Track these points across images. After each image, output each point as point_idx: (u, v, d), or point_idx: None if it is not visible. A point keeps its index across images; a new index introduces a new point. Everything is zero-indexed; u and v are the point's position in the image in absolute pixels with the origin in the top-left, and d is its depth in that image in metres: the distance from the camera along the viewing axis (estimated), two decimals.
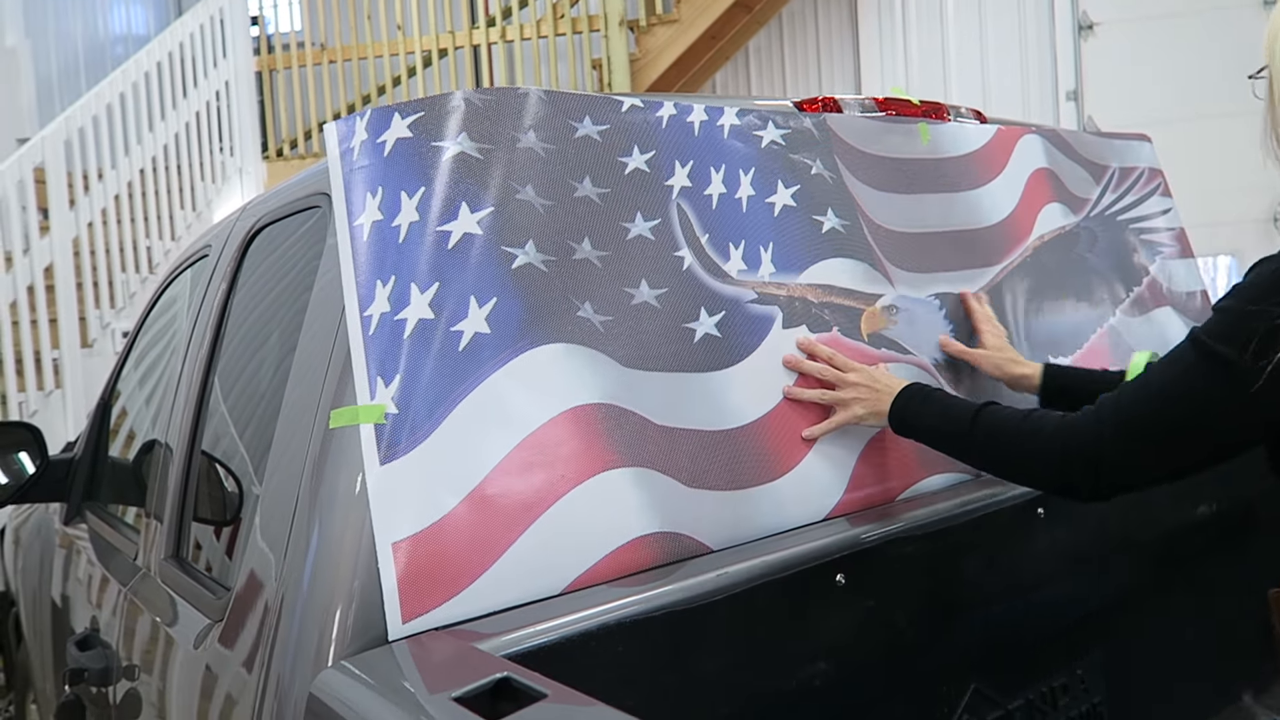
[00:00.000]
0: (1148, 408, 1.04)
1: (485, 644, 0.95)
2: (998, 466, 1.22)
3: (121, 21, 7.80)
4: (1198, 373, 1.01)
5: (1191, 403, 1.02)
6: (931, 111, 1.65)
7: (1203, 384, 1.00)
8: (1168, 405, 1.03)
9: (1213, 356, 1.00)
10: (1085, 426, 1.08)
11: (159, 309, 2.17)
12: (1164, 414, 1.03)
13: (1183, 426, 1.03)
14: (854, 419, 1.31)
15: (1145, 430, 1.05)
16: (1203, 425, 1.02)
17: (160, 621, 1.47)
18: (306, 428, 1.14)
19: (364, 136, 1.15)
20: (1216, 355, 0.99)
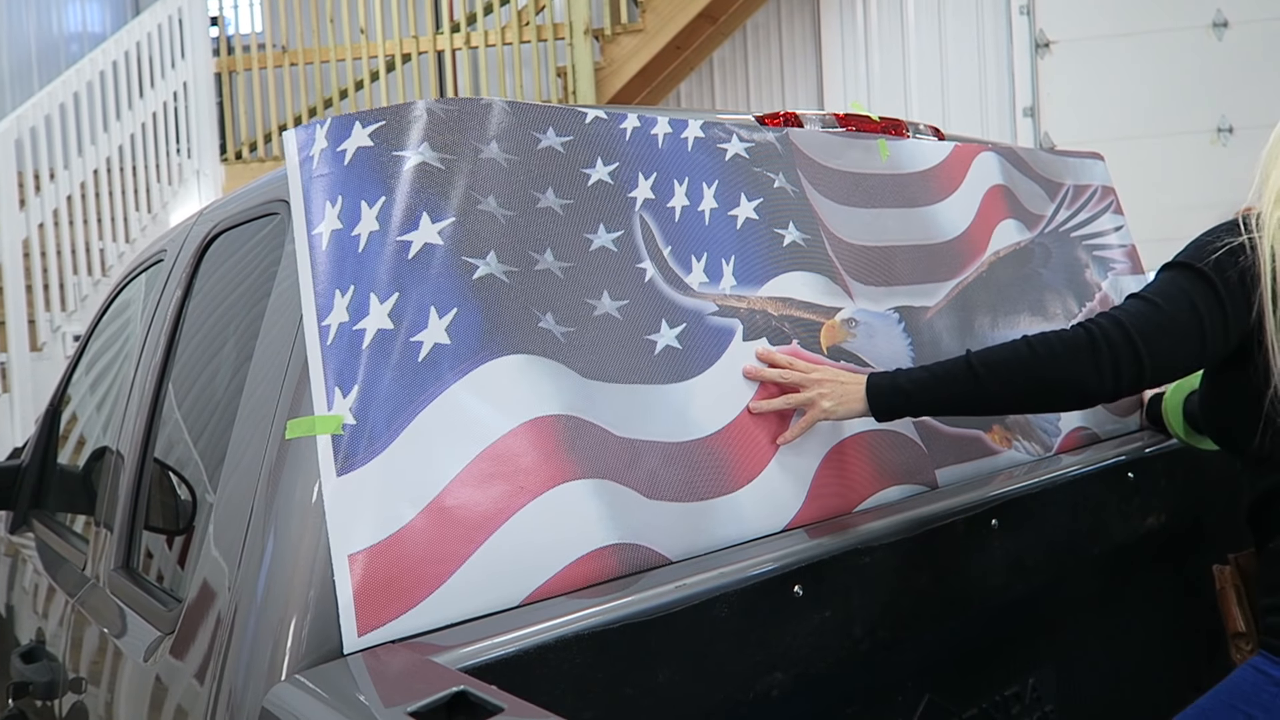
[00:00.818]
0: (1161, 310, 1.21)
1: (442, 657, 0.95)
2: (1026, 393, 1.25)
3: (77, 19, 7.66)
4: (1183, 279, 1.23)
5: (1184, 299, 1.21)
6: (891, 128, 1.67)
7: (1189, 287, 1.22)
8: (1167, 303, 1.21)
9: (1188, 268, 1.23)
10: (1103, 324, 1.21)
11: (112, 313, 2.13)
12: (1165, 310, 1.21)
13: (1181, 320, 1.21)
14: (824, 414, 1.31)
15: (1158, 322, 1.21)
16: (1201, 325, 1.21)
17: (109, 633, 1.44)
18: (262, 436, 1.13)
19: (324, 144, 1.15)
20: (1191, 267, 1.23)
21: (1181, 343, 1.21)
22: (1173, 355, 1.22)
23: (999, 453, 1.63)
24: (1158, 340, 1.20)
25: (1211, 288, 1.21)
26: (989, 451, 1.62)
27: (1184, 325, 1.21)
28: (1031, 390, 1.24)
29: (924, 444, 1.51)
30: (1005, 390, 1.24)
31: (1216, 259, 1.21)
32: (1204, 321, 1.21)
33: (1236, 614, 1.33)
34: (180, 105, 5.76)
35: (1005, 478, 1.57)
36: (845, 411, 1.31)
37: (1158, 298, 1.23)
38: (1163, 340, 1.20)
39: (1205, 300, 1.21)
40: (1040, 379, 1.22)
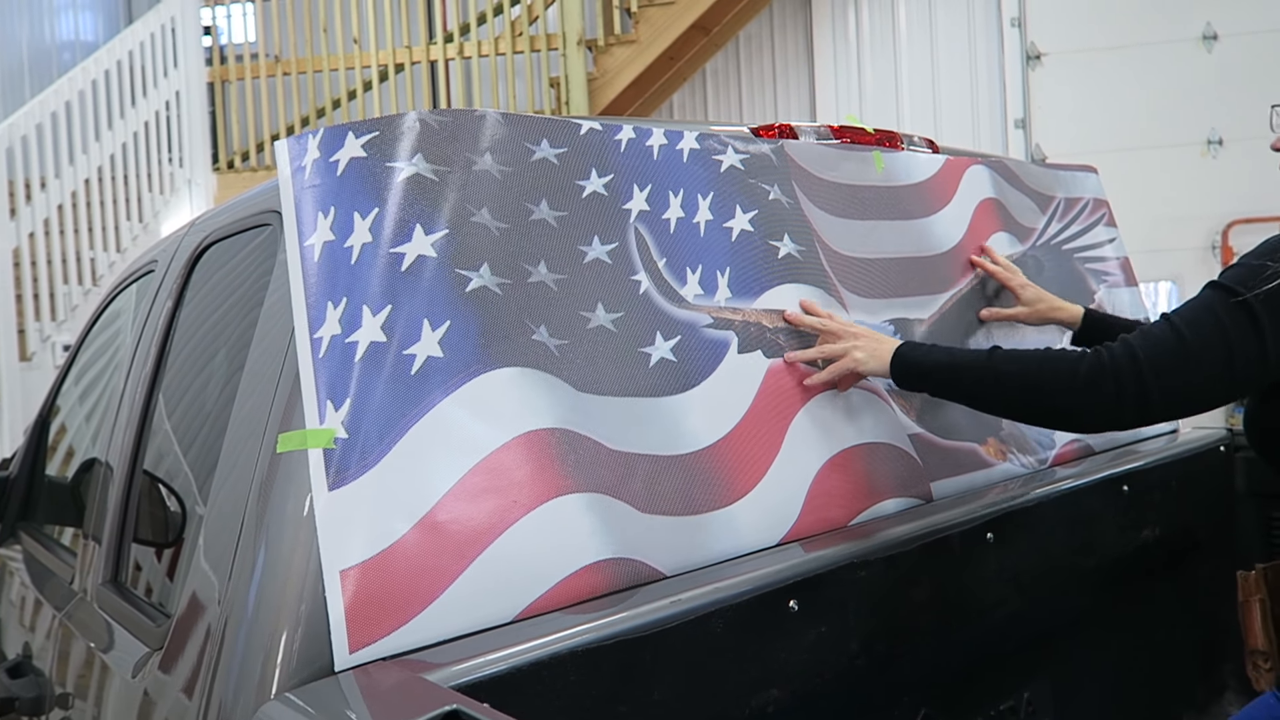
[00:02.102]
0: (1177, 333, 1.14)
1: (434, 674, 0.93)
2: (1024, 393, 1.22)
3: (69, 28, 7.65)
4: (1220, 307, 1.12)
5: (1214, 326, 1.12)
6: (885, 140, 1.67)
7: (1225, 317, 1.11)
8: (1193, 330, 1.13)
9: (1232, 294, 1.12)
10: (1116, 354, 1.15)
11: (102, 323, 2.12)
12: (1191, 340, 1.13)
13: (1205, 351, 1.12)
14: (856, 364, 1.34)
15: (1176, 356, 1.13)
16: (1219, 353, 1.12)
17: (96, 648, 1.42)
18: (253, 449, 1.12)
19: (316, 155, 1.14)
20: (1235, 294, 1.11)
21: (1201, 378, 1.13)
22: (1188, 391, 1.14)
23: (994, 465, 1.63)
24: (1173, 374, 1.12)
25: (1252, 319, 1.10)
26: (984, 464, 1.61)
27: (1208, 359, 1.11)
28: (1034, 411, 1.24)
29: (919, 457, 1.50)
30: (1011, 402, 1.25)
31: (1270, 289, 1.09)
32: (1234, 356, 1.11)
33: (1259, 630, 1.24)
34: (172, 114, 5.75)
35: (1000, 491, 1.56)
36: (874, 367, 1.34)
37: (1184, 325, 1.13)
38: (1179, 374, 1.12)
39: (1240, 332, 1.10)
40: (1044, 403, 1.21)
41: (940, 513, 1.42)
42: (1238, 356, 1.11)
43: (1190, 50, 5.48)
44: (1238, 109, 5.28)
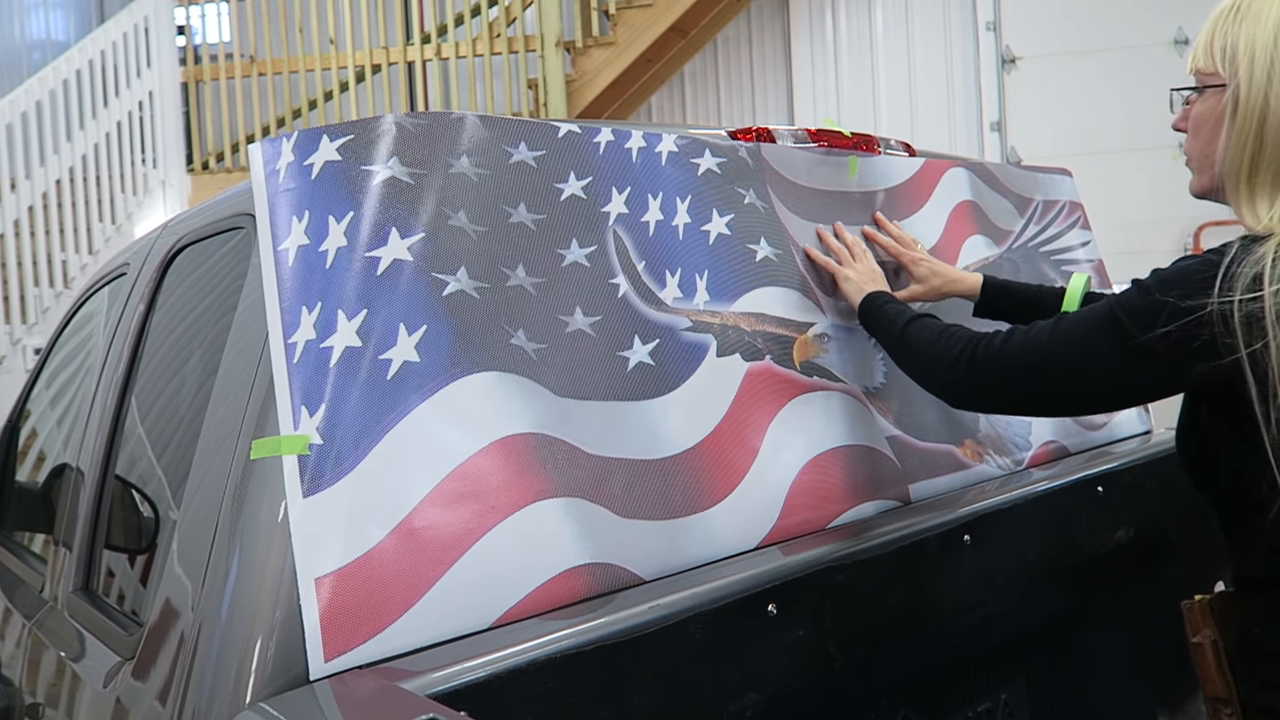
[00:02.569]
0: (1050, 346, 1.13)
1: (411, 683, 0.93)
2: (906, 364, 1.34)
3: (40, 27, 7.55)
4: (1102, 331, 1.09)
5: (1087, 354, 1.10)
6: (863, 143, 1.68)
7: (1101, 343, 1.09)
8: (1067, 349, 1.12)
9: (1117, 328, 1.07)
10: (990, 345, 1.18)
11: (74, 326, 2.09)
12: (1061, 356, 1.12)
13: (1071, 372, 1.12)
14: (842, 283, 1.49)
15: (1040, 365, 1.14)
16: (1087, 377, 1.12)
17: (67, 658, 1.40)
18: (227, 455, 1.11)
19: (291, 158, 1.13)
20: (1119, 325, 1.07)
21: (1049, 392, 1.15)
22: (1038, 400, 1.19)
23: (971, 467, 1.64)
24: (1032, 380, 1.14)
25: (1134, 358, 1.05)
26: (961, 466, 1.62)
27: (1072, 377, 1.11)
28: (919, 381, 1.33)
29: (897, 459, 1.51)
30: (906, 369, 1.35)
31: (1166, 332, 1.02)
32: (1095, 383, 1.11)
33: (1215, 675, 1.13)
34: (146, 114, 5.69)
35: (977, 493, 1.57)
36: (849, 292, 1.48)
37: (1058, 339, 1.12)
38: (1035, 382, 1.14)
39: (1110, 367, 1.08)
40: (922, 379, 1.31)
41: (918, 515, 1.43)
42: (1099, 383, 1.11)
43: (1163, 54, 5.55)
44: None
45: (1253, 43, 1.06)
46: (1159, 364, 1.05)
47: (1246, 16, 1.07)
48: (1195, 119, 1.14)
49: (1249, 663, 1.11)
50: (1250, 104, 1.05)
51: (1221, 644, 1.13)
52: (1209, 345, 1.00)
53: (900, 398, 1.57)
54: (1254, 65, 1.05)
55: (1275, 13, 1.05)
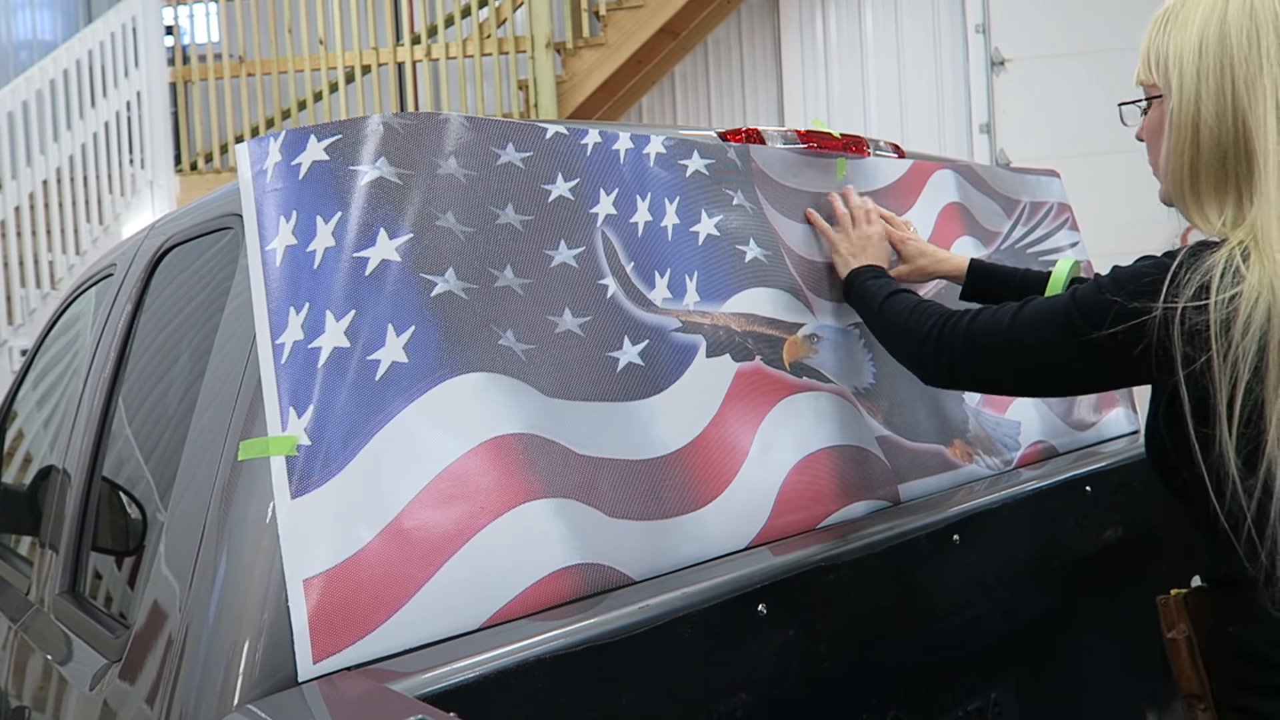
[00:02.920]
0: (1010, 331, 1.16)
1: (400, 684, 0.92)
2: (881, 337, 1.38)
3: (26, 26, 7.51)
4: (1056, 323, 1.11)
5: (1041, 343, 1.13)
6: (852, 144, 1.68)
7: (1054, 334, 1.11)
8: (1024, 335, 1.15)
9: (1069, 324, 1.09)
10: (958, 323, 1.21)
11: (60, 327, 2.08)
12: (1018, 341, 1.15)
13: (1026, 357, 1.15)
14: (838, 258, 1.53)
15: (999, 347, 1.17)
16: (1041, 364, 1.15)
17: (53, 660, 1.40)
18: (215, 456, 1.10)
19: (278, 158, 1.12)
20: (1071, 320, 1.09)
21: (1010, 380, 1.21)
22: (995, 383, 1.25)
23: (960, 467, 1.64)
24: (988, 363, 1.18)
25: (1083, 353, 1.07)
26: (950, 466, 1.63)
27: (1024, 367, 1.15)
28: (894, 355, 1.36)
29: (887, 459, 1.51)
30: (877, 326, 1.39)
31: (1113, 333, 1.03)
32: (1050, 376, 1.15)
33: (1189, 671, 1.12)
34: (134, 115, 5.66)
35: (966, 493, 1.58)
36: (839, 266, 1.52)
37: (1018, 323, 1.14)
38: (992, 364, 1.18)
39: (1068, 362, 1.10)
40: (896, 352, 1.34)
41: (907, 515, 1.43)
42: (1054, 377, 1.15)
43: None
44: None
45: (1180, 51, 1.06)
46: (1106, 359, 1.07)
47: (1174, 24, 1.08)
48: (1147, 129, 1.15)
49: (1224, 660, 1.10)
50: (1183, 112, 1.05)
51: (1196, 640, 1.13)
52: (1154, 350, 1.01)
53: (890, 398, 1.57)
54: (1183, 73, 1.06)
55: (1199, 18, 1.05)
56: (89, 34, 5.52)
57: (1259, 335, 0.96)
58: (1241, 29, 1.03)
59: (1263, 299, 0.97)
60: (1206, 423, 1.00)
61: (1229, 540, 1.03)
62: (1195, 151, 1.05)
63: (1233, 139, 1.03)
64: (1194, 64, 1.05)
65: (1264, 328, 0.96)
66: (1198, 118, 1.04)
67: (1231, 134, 1.03)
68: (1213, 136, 1.04)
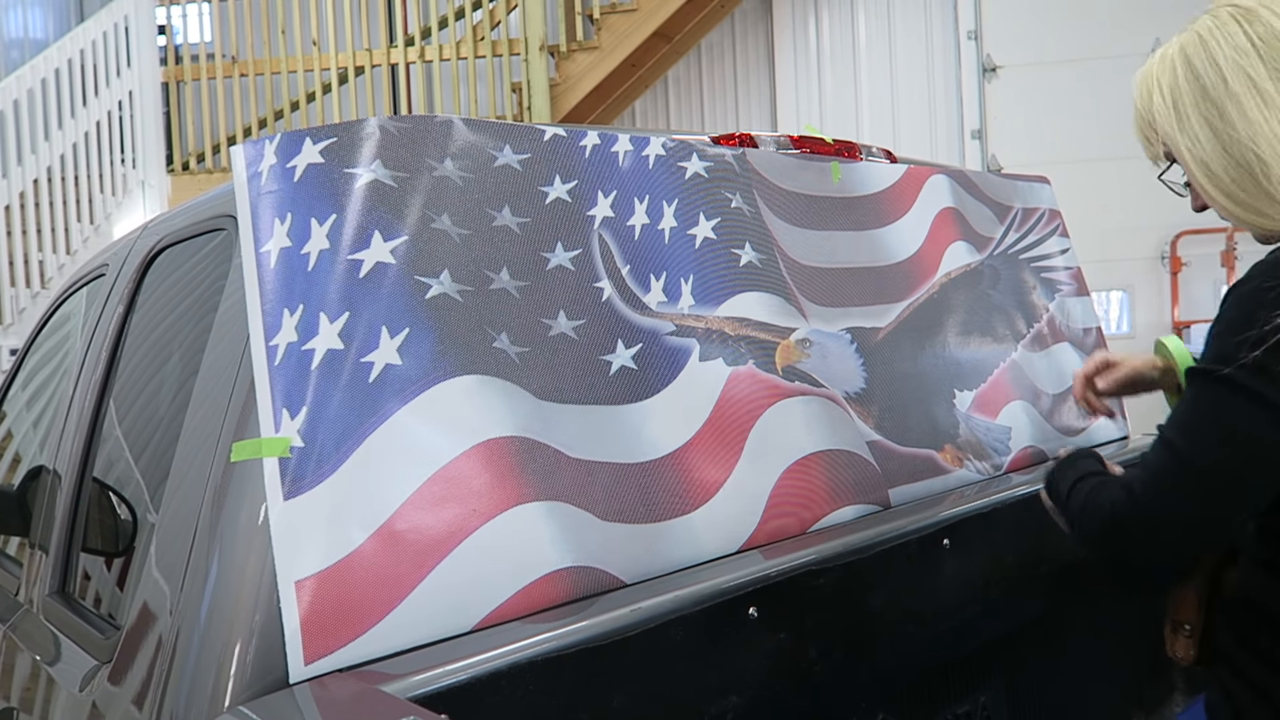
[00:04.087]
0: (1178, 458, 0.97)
1: (391, 686, 0.92)
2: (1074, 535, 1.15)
3: (18, 25, 7.48)
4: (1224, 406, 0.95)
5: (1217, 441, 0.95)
6: (844, 150, 1.69)
7: (1217, 414, 0.95)
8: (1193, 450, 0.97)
9: (1232, 384, 0.93)
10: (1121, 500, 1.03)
11: (51, 327, 2.07)
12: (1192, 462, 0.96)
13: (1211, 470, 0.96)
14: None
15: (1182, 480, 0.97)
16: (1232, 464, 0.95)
17: (42, 661, 1.39)
18: (207, 457, 1.10)
19: (273, 160, 1.12)
20: (1234, 381, 0.93)
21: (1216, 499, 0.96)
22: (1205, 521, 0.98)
23: (950, 471, 1.65)
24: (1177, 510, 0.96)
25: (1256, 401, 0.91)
26: (941, 471, 1.63)
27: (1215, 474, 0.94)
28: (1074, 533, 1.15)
29: (877, 463, 1.52)
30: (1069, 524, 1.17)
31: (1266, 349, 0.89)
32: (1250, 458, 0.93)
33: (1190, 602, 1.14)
34: (125, 114, 5.64)
35: (957, 497, 1.58)
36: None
37: (1179, 438, 0.96)
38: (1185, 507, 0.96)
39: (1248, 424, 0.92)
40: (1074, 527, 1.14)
41: (898, 519, 1.44)
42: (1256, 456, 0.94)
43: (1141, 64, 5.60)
44: None
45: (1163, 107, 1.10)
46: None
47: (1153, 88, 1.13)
48: (1193, 188, 1.12)
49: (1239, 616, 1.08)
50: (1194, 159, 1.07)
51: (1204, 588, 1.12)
52: None
53: (881, 403, 1.58)
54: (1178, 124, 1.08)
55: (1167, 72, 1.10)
56: (81, 33, 5.50)
57: None
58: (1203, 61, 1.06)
59: None
60: None
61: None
62: (1226, 182, 1.04)
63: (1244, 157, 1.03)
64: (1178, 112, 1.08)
65: None
66: (1207, 156, 1.05)
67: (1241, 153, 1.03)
68: (1227, 162, 1.04)
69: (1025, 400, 1.86)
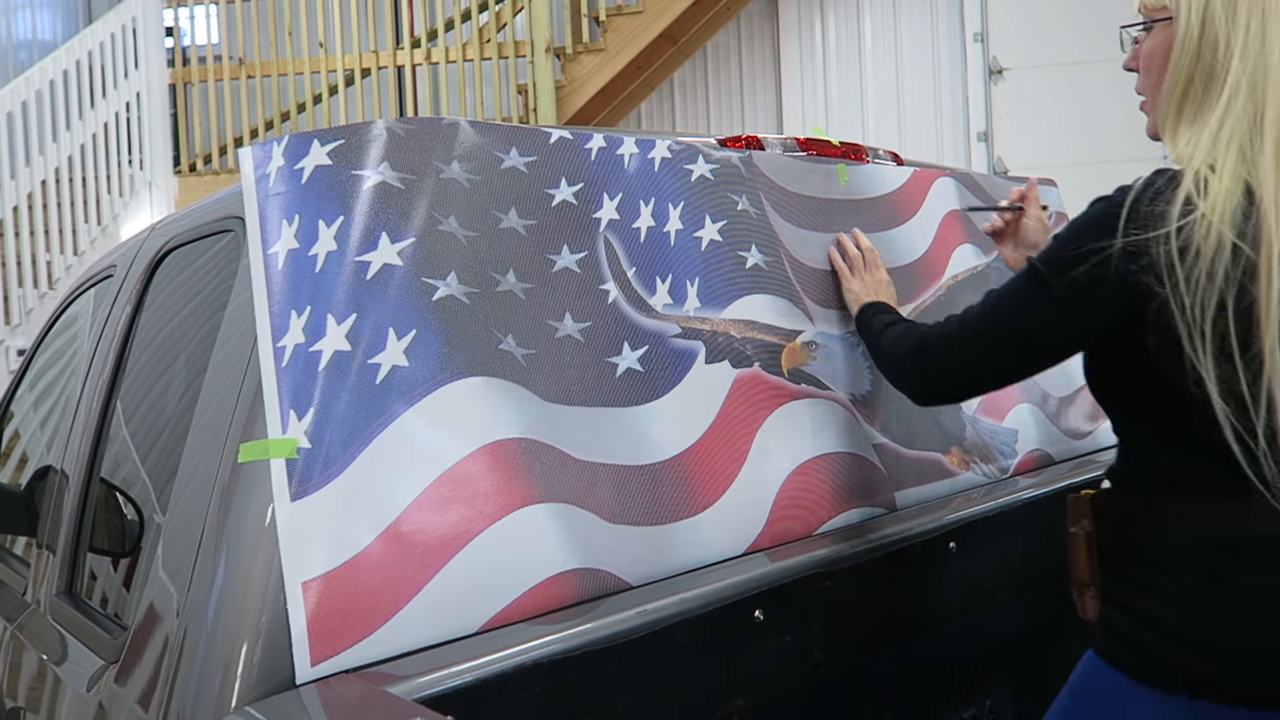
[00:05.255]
0: (985, 318, 1.18)
1: (397, 687, 0.92)
2: (883, 371, 1.38)
3: (26, 26, 7.51)
4: (1025, 291, 1.14)
5: (1016, 311, 1.15)
6: (851, 152, 1.69)
7: (1027, 296, 1.14)
8: (1000, 310, 1.17)
9: (1038, 280, 1.12)
10: (933, 334, 1.24)
11: (59, 328, 2.08)
12: (995, 317, 1.17)
13: (1005, 331, 1.16)
14: (850, 295, 1.52)
15: (980, 330, 1.19)
16: (1020, 334, 1.16)
17: (49, 661, 1.39)
18: (214, 458, 1.10)
19: (281, 162, 1.13)
20: (1041, 279, 1.11)
21: (998, 355, 1.17)
22: (979, 370, 1.20)
23: (957, 475, 1.65)
24: (972, 352, 1.18)
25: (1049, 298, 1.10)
26: (947, 474, 1.63)
27: (1006, 336, 1.15)
28: (880, 365, 1.38)
29: (883, 466, 1.52)
30: (875, 356, 1.40)
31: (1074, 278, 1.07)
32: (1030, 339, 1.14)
33: (1083, 563, 1.22)
34: (133, 116, 5.66)
35: (963, 500, 1.58)
36: (849, 302, 1.52)
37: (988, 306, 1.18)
38: (976, 353, 1.18)
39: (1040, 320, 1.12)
40: (892, 378, 1.35)
41: (904, 522, 1.44)
42: (1034, 344, 1.15)
43: None
44: None
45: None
46: (1078, 308, 1.09)
47: None
48: (1145, 56, 1.17)
49: (1117, 556, 1.17)
50: (1188, 30, 1.09)
51: (1095, 534, 1.20)
52: (1119, 285, 1.05)
53: (887, 405, 1.58)
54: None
55: None
56: (89, 35, 5.52)
57: (1209, 264, 1.00)
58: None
59: (1214, 228, 1.01)
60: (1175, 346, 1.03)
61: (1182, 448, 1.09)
62: (1194, 70, 1.08)
63: (1221, 59, 1.06)
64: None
65: (1215, 256, 1.00)
66: (1201, 36, 1.07)
67: (1225, 53, 1.06)
68: (1213, 53, 1.07)
69: (1032, 403, 1.85)
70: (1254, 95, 1.04)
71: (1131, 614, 1.12)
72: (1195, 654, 1.06)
